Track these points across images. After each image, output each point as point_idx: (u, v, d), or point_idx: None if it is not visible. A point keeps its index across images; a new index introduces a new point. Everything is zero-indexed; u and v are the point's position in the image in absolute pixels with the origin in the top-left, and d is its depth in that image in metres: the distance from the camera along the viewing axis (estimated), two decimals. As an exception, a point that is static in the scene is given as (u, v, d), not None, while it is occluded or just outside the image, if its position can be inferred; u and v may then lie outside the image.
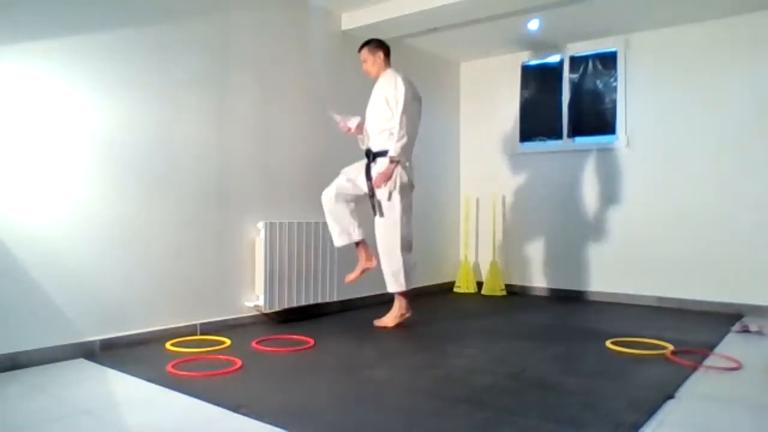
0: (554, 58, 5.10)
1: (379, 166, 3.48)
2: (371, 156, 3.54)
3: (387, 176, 3.42)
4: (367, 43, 3.65)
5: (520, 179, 5.23)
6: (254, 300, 3.63)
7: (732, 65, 4.23)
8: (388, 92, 3.50)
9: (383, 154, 3.47)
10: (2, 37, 2.58)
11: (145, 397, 2.25)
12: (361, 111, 3.65)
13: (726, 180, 4.23)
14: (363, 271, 3.65)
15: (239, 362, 2.67)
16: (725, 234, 4.22)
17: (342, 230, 3.56)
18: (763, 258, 4.07)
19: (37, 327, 2.67)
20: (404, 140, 3.40)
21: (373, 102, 3.61)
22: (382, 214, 3.49)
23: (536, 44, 5.01)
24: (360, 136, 3.69)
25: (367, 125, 3.61)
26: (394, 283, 3.54)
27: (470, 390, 2.33)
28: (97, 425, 1.94)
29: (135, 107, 3.06)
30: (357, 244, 3.61)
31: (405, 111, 3.41)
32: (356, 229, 3.57)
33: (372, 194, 3.49)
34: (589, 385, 2.38)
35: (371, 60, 3.61)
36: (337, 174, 3.64)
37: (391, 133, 3.44)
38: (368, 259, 3.63)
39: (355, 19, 4.22)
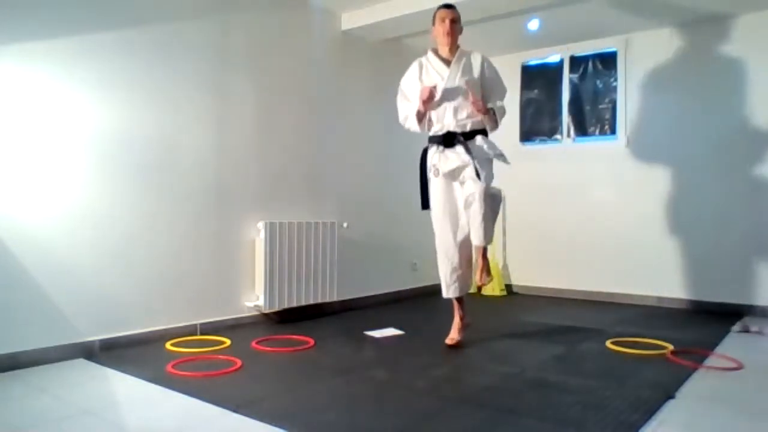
0: (554, 58, 5.09)
1: (480, 142, 3.05)
2: (461, 138, 3.04)
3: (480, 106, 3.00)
4: (454, 7, 3.13)
5: (520, 179, 5.22)
6: (254, 300, 3.63)
7: (732, 65, 4.22)
8: (475, 71, 3.08)
9: (478, 133, 3.07)
10: (3, 37, 2.58)
11: (145, 397, 2.25)
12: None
13: (726, 180, 4.23)
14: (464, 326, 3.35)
15: (239, 362, 2.67)
16: (725, 234, 4.21)
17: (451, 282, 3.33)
18: (763, 258, 4.07)
19: (37, 327, 2.67)
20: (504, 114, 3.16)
21: (452, 83, 3.04)
22: (480, 178, 2.97)
23: (536, 44, 5.01)
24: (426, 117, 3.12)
25: (450, 106, 3.06)
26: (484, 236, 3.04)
27: (470, 390, 2.33)
28: (98, 425, 1.95)
29: (135, 107, 3.07)
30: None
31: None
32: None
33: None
34: (589, 385, 2.38)
35: (458, 27, 3.10)
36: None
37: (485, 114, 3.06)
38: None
39: (355, 19, 4.22)
